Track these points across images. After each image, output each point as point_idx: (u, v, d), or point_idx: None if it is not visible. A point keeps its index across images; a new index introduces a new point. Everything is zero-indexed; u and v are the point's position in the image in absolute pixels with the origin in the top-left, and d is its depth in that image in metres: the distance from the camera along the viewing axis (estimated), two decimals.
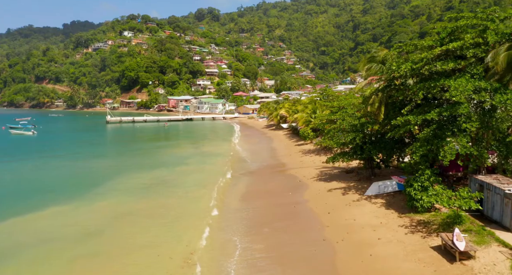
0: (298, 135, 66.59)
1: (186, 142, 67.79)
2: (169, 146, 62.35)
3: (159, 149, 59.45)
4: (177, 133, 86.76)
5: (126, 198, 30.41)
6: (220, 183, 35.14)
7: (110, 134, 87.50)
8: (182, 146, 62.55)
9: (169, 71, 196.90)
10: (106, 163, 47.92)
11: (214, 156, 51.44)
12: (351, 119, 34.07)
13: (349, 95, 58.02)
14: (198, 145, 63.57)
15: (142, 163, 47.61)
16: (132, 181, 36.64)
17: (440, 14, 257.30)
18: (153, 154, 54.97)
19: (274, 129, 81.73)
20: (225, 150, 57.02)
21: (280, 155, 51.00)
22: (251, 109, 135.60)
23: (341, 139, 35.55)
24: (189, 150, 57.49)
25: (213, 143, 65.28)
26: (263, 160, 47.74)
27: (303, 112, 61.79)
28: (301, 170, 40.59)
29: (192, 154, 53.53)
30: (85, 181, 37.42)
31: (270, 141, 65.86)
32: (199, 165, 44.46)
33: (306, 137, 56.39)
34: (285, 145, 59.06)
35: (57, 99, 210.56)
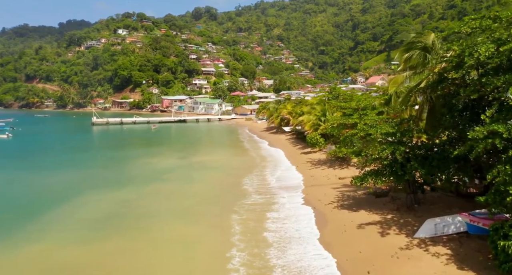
0: (303, 140, 57.40)
1: (173, 149, 58.30)
2: (151, 154, 52.79)
3: (138, 158, 49.86)
4: (165, 137, 77.04)
5: (67, 240, 21.02)
6: (210, 214, 25.89)
7: (91, 138, 77.86)
8: (168, 154, 53.03)
9: (163, 70, 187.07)
10: (67, 178, 38.51)
11: (204, 169, 42.02)
12: (388, 126, 24.82)
13: (365, 94, 48.85)
14: (186, 153, 54.09)
15: (111, 178, 38.23)
16: (87, 208, 27.34)
17: (442, 13, 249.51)
18: (129, 164, 45.42)
19: (275, 133, 72.52)
20: (218, 160, 47.66)
21: (289, 166, 41.83)
22: (249, 110, 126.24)
23: (370, 151, 26.40)
24: (175, 161, 47.99)
25: (205, 151, 55.90)
26: None
27: (310, 114, 52.58)
28: (313, 190, 31.38)
29: (177, 166, 44.06)
30: (24, 207, 28.02)
31: (273, 147, 56.55)
32: (181, 184, 35.05)
33: (315, 144, 47.20)
34: (290, 153, 49.82)
35: (47, 99, 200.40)
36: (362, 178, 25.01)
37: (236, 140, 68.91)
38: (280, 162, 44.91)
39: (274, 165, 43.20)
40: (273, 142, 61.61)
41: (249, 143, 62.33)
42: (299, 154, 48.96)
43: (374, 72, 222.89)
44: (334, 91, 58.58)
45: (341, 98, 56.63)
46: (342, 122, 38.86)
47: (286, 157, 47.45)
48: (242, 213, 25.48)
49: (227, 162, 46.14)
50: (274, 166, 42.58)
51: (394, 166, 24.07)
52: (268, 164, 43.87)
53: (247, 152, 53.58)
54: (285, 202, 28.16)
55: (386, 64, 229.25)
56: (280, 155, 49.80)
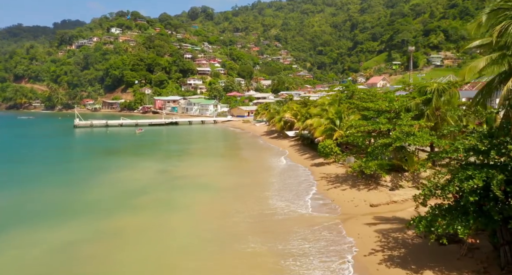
0: (311, 147, 48.00)
1: (155, 158, 48.57)
2: (126, 166, 43.06)
3: (108, 172, 40.17)
4: (149, 143, 66.84)
5: None
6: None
7: (65, 144, 67.71)
8: (147, 165, 43.32)
9: (157, 70, 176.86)
10: (7, 201, 28.81)
11: (189, 188, 32.46)
12: (474, 138, 15.46)
13: (390, 93, 39.45)
14: (170, 164, 44.46)
15: (59, 204, 28.66)
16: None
17: (443, 12, 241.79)
18: (93, 181, 35.67)
19: (277, 138, 63.04)
20: (208, 174, 38.09)
21: (298, 184, 32.27)
22: (246, 111, 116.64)
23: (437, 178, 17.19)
24: (153, 175, 38.39)
25: (193, 161, 46.24)
26: None
27: (320, 117, 43.15)
28: (341, 226, 21.98)
29: (154, 184, 34.47)
30: None
31: (275, 157, 46.95)
32: (155, 215, 25.48)
33: (328, 154, 37.78)
34: (297, 166, 40.32)
35: (35, 99, 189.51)
36: (431, 220, 15.66)
37: (231, 146, 59.36)
38: (288, 178, 35.38)
39: (282, 185, 33.57)
40: (278, 150, 52.14)
41: (248, 151, 52.74)
42: (309, 165, 39.51)
43: (375, 72, 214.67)
44: (347, 89, 49.14)
45: (356, 97, 47.24)
46: (370, 128, 29.53)
47: (294, 171, 37.94)
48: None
49: (220, 177, 36.59)
50: (282, 183, 33.05)
51: (484, 203, 14.82)
52: (273, 180, 34.35)
53: (245, 163, 44.06)
54: (308, 251, 18.67)
55: (387, 64, 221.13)
56: (286, 166, 40.37)
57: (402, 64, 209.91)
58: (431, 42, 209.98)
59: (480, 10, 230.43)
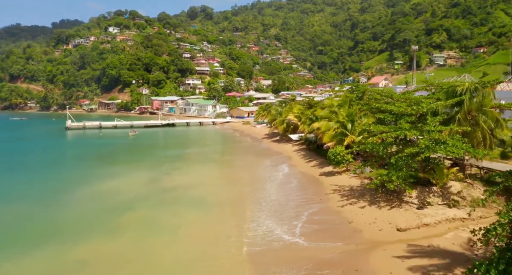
0: (317, 152, 43.52)
1: (146, 165, 43.96)
2: (111, 175, 38.33)
3: (90, 182, 35.49)
4: (143, 147, 62.08)
5: None
6: None
7: (54, 147, 62.84)
8: (136, 174, 38.73)
9: (155, 69, 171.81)
10: None
11: (179, 203, 27.91)
12: None
13: (408, 93, 34.83)
14: (161, 171, 39.85)
15: (30, 224, 23.99)
16: None
17: (445, 11, 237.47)
18: (71, 195, 30.95)
19: (279, 141, 58.43)
20: (202, 184, 33.50)
21: (307, 200, 27.58)
22: (246, 112, 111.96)
23: None
24: (141, 186, 33.80)
25: (189, 169, 41.55)
26: (279, 213, 24.24)
27: (329, 121, 38.56)
28: (366, 259, 17.41)
29: (140, 198, 29.86)
30: None
31: (278, 164, 42.33)
32: (137, 240, 20.89)
33: (340, 162, 33.20)
34: (304, 175, 35.74)
35: (31, 99, 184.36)
36: (505, 271, 11.06)
37: (230, 151, 54.75)
38: (295, 190, 30.79)
39: (288, 199, 28.94)
40: (281, 156, 47.51)
41: (248, 157, 48.09)
42: (317, 174, 34.92)
43: (376, 72, 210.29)
44: (357, 89, 44.52)
45: (367, 98, 42.67)
46: (393, 135, 25.01)
47: (301, 182, 33.36)
48: None
49: (215, 189, 32.04)
50: (288, 198, 28.43)
51: None
52: (277, 193, 29.73)
53: (245, 171, 39.45)
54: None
55: (389, 63, 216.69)
56: (291, 175, 35.76)
57: (404, 64, 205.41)
58: (434, 41, 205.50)
59: (482, 9, 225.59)
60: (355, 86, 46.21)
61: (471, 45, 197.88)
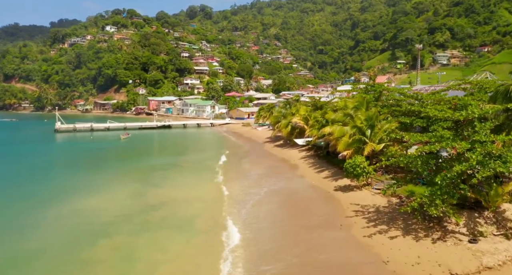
0: (327, 160, 38.17)
1: (136, 174, 38.45)
2: (91, 188, 32.64)
3: (64, 199, 29.78)
4: (133, 152, 56.33)
5: None
6: None
7: (39, 153, 56.96)
8: (122, 186, 33.20)
9: (152, 69, 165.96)
10: None
11: (167, 225, 22.47)
12: None
13: (437, 95, 29.36)
14: (152, 182, 34.39)
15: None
16: None
17: (447, 10, 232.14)
18: (46, 214, 25.27)
19: (283, 146, 52.95)
20: (196, 200, 28.05)
21: (323, 225, 21.99)
22: (246, 113, 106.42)
23: None
24: (122, 202, 28.34)
25: (182, 179, 35.96)
26: (290, 252, 18.67)
27: (344, 125, 33.17)
28: None
29: (124, 217, 24.39)
30: None
31: (283, 174, 36.82)
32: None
33: (359, 175, 27.82)
34: (316, 189, 30.27)
35: (25, 100, 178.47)
36: None
37: (229, 156, 49.25)
38: (306, 210, 25.33)
39: (299, 224, 23.47)
40: (286, 164, 42.03)
41: (249, 165, 42.60)
42: (332, 189, 29.47)
43: (378, 71, 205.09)
44: (372, 89, 39.07)
45: (385, 99, 37.30)
46: (437, 147, 19.62)
47: (314, 199, 27.89)
48: None
49: (209, 206, 26.65)
50: (298, 221, 22.96)
51: None
52: (287, 213, 24.28)
53: (246, 182, 34.00)
54: None
55: (391, 63, 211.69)
56: (301, 188, 30.30)
57: (407, 63, 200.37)
58: (437, 40, 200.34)
59: (486, 7, 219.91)
60: (371, 85, 40.70)
61: (474, 44, 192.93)
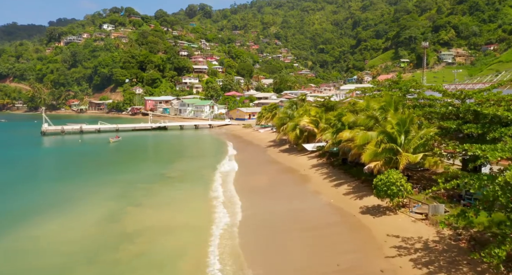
0: (344, 169, 31.76)
1: (116, 189, 31.86)
2: (64, 205, 26.25)
3: (29, 220, 23.48)
4: (121, 158, 49.84)
5: None
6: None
7: (14, 160, 50.43)
8: (95, 206, 26.63)
9: (149, 67, 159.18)
10: None
11: (140, 272, 16.04)
12: None
13: (491, 93, 23.06)
14: (133, 200, 27.90)
15: None
16: None
17: (451, 8, 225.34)
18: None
19: (290, 151, 46.49)
20: (184, 228, 21.58)
21: (350, 266, 15.60)
22: (247, 114, 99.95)
23: None
24: (92, 229, 21.69)
25: (169, 196, 29.40)
26: None
27: (368, 130, 26.73)
28: None
29: (85, 256, 17.87)
30: None
31: (293, 188, 30.29)
32: None
33: (394, 195, 21.44)
34: (337, 211, 23.81)
35: (18, 100, 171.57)
36: None
37: (228, 165, 42.76)
38: (327, 246, 18.90)
39: None
40: (295, 174, 35.56)
41: (251, 176, 36.13)
42: (358, 211, 23.04)
43: (382, 70, 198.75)
44: (397, 86, 32.64)
45: (412, 98, 30.86)
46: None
47: (335, 227, 21.44)
48: None
49: (199, 237, 20.18)
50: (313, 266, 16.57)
51: None
52: (299, 251, 17.89)
53: (246, 201, 27.57)
54: None
55: (394, 61, 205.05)
56: (318, 215, 23.90)
57: (411, 62, 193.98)
58: (441, 38, 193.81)
59: (490, 5, 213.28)
60: (394, 82, 34.16)
61: (480, 42, 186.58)
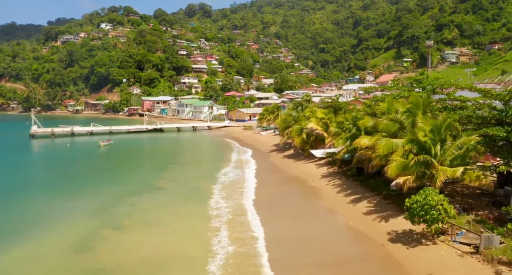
0: (360, 180, 27.20)
1: (96, 205, 27.09)
2: (29, 230, 21.54)
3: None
4: (110, 164, 45.08)
5: None
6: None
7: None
8: (65, 230, 21.94)
9: (147, 67, 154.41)
10: None
11: None
12: None
13: None
14: (113, 220, 23.24)
15: None
16: None
17: (453, 7, 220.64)
18: None
19: (295, 158, 41.86)
20: (179, 262, 17.00)
21: None
22: (247, 115, 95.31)
23: None
24: (56, 263, 17.18)
25: (159, 213, 24.70)
26: None
27: (389, 136, 22.12)
28: None
29: None
30: None
31: (302, 203, 25.64)
32: None
33: (434, 221, 16.86)
34: (358, 237, 19.22)
35: (13, 100, 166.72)
36: None
37: (227, 174, 38.15)
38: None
39: None
40: (304, 185, 30.95)
41: (254, 187, 31.51)
42: (384, 238, 18.47)
43: (384, 70, 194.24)
44: (420, 85, 28.06)
45: (438, 99, 26.28)
46: None
47: (357, 262, 16.87)
48: None
49: (193, 266, 15.66)
50: None
51: None
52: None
53: (248, 221, 23.01)
54: None
55: (397, 61, 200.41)
56: (335, 242, 19.36)
57: (414, 61, 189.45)
58: (445, 37, 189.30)
59: (494, 4, 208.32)
60: (417, 81, 29.44)
61: (484, 41, 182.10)
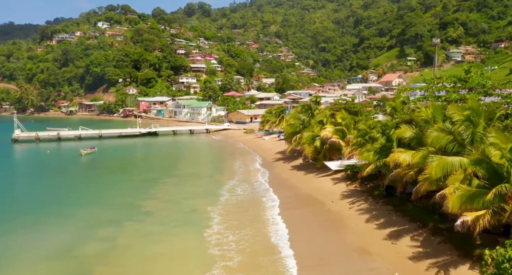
0: (393, 204, 21.09)
1: (64, 232, 20.90)
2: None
3: None
4: (87, 179, 37.88)
5: None
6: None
7: None
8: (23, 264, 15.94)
9: (144, 66, 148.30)
10: None
11: None
12: None
13: None
14: (82, 255, 17.21)
15: None
16: None
17: (457, 5, 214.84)
18: None
19: (306, 169, 35.80)
20: None
21: None
22: (248, 116, 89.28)
23: None
24: None
25: (146, 245, 18.51)
26: None
27: (443, 153, 16.13)
28: None
29: None
30: None
31: (322, 238, 19.59)
32: None
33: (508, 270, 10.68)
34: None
35: (6, 101, 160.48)
36: None
37: (226, 190, 32.11)
38: None
39: None
40: (323, 214, 24.98)
41: (258, 210, 25.49)
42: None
43: (387, 69, 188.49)
44: (466, 86, 22.16)
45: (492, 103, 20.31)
46: None
47: None
48: None
49: None
50: None
51: None
52: None
53: (250, 261, 17.05)
54: None
55: (400, 60, 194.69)
56: None
57: (418, 60, 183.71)
58: (450, 35, 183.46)
59: (499, 1, 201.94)
60: (462, 80, 23.42)
61: (489, 39, 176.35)
